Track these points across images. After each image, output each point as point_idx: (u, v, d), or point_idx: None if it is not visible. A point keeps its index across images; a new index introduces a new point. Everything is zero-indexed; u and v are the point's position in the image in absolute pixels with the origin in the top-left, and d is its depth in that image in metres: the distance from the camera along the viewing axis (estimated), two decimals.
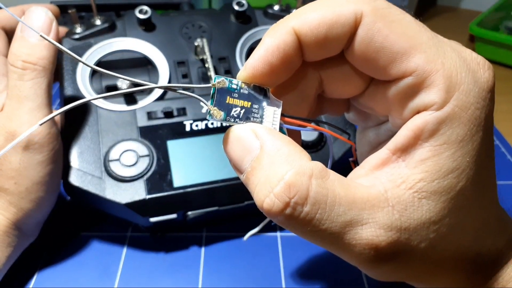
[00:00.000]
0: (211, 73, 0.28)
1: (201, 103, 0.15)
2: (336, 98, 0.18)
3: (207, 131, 0.28)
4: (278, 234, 0.30)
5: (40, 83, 0.23)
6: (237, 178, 0.27)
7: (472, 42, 0.62)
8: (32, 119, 0.23)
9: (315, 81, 0.16)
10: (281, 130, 0.15)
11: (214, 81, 0.14)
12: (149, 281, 0.27)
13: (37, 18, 0.24)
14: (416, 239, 0.14)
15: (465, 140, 0.13)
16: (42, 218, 0.27)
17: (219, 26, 0.32)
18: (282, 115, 0.15)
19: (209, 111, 0.14)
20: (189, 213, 0.27)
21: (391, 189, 0.14)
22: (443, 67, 0.13)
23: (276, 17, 0.34)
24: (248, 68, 0.14)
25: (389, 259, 0.14)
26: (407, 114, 0.14)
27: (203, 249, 0.29)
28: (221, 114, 0.14)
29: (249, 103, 0.14)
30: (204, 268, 0.28)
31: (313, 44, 0.14)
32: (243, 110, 0.14)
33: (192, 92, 0.32)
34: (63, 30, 0.30)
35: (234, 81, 0.14)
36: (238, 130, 0.14)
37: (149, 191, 0.25)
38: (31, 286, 0.27)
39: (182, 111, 0.28)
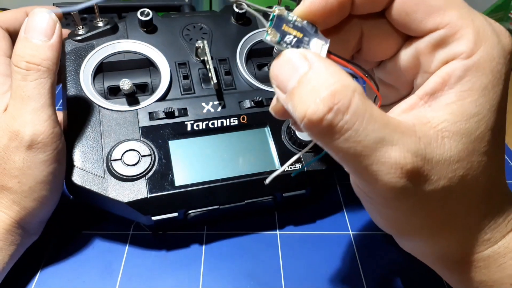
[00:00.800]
0: (212, 74, 0.28)
1: (261, 21, 0.17)
2: (368, 59, 0.19)
3: (208, 131, 0.28)
4: (278, 232, 0.31)
5: (44, 84, 0.23)
6: (238, 177, 0.27)
7: None
8: (35, 119, 0.23)
9: (357, 35, 0.18)
10: None
11: (275, 8, 0.16)
12: (151, 279, 0.27)
13: (40, 19, 0.24)
14: (437, 174, 0.15)
15: (488, 89, 0.15)
16: (45, 217, 0.27)
17: (220, 28, 0.33)
18: (329, 52, 0.16)
19: (267, 31, 0.16)
20: (190, 211, 0.27)
21: (419, 125, 0.15)
22: (473, 24, 0.15)
23: None
24: (306, 4, 0.16)
25: (411, 188, 0.15)
26: (436, 65, 0.16)
27: (204, 247, 0.29)
28: (277, 36, 0.16)
29: (302, 35, 0.16)
30: (205, 266, 0.28)
31: None
32: (295, 39, 0.16)
33: (194, 92, 0.32)
34: (65, 31, 0.31)
35: (291, 13, 0.16)
36: (289, 53, 0.15)
37: (150, 190, 0.26)
38: (34, 284, 0.27)
39: (183, 112, 0.29)
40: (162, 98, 0.29)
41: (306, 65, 0.14)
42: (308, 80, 0.14)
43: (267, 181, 0.18)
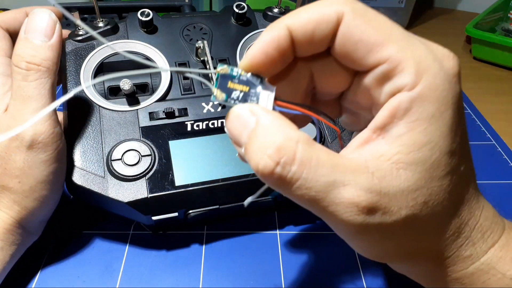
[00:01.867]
0: (212, 74, 0.29)
1: (208, 85, 0.17)
2: (326, 93, 0.20)
3: (208, 131, 0.28)
4: (278, 232, 0.31)
5: (44, 84, 0.23)
6: (238, 177, 0.27)
7: (469, 43, 0.62)
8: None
9: (306, 75, 0.18)
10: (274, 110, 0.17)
11: (218, 68, 0.16)
12: (151, 278, 0.27)
13: (40, 20, 0.24)
14: (396, 205, 0.15)
15: (435, 117, 0.15)
16: (46, 217, 0.27)
17: (220, 28, 0.33)
18: (275, 98, 0.17)
19: (213, 93, 0.16)
20: (191, 211, 0.27)
21: (371, 160, 0.15)
22: (413, 55, 0.15)
23: (275, 19, 0.34)
24: (248, 57, 0.16)
25: (371, 222, 0.15)
26: (384, 98, 0.16)
27: (204, 247, 0.30)
28: (223, 95, 0.16)
29: (247, 88, 0.16)
30: (205, 266, 0.28)
31: (303, 39, 0.16)
32: (242, 93, 0.16)
33: (194, 92, 0.32)
34: (66, 32, 0.31)
35: (235, 69, 0.17)
36: (237, 109, 0.16)
37: (151, 190, 0.26)
38: (34, 283, 0.27)
39: (183, 112, 0.29)
40: (162, 98, 0.29)
41: (253, 120, 0.15)
42: (256, 136, 0.15)
43: (246, 204, 0.18)
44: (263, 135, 0.15)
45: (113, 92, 0.29)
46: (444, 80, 0.15)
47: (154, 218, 0.26)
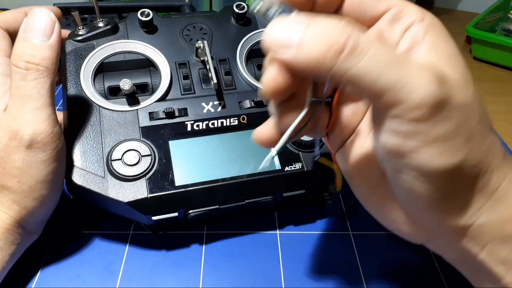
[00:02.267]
0: (212, 74, 0.29)
1: None
2: None
3: (208, 131, 0.28)
4: (278, 232, 0.31)
5: (43, 83, 0.23)
6: (238, 177, 0.27)
7: (468, 43, 0.62)
8: (35, 118, 0.23)
9: None
10: None
11: None
12: (151, 278, 0.27)
13: (39, 19, 0.24)
14: (459, 88, 0.16)
15: (447, 37, 0.18)
16: (46, 217, 0.27)
17: (220, 28, 0.33)
18: None
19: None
20: (191, 211, 0.27)
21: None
22: (411, 3, 0.19)
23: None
24: None
25: (447, 95, 0.15)
26: (398, 35, 0.19)
27: (204, 247, 0.30)
28: (265, 6, 0.17)
29: (281, 9, 0.17)
30: (205, 266, 0.28)
31: None
32: (279, 10, 0.17)
33: (194, 92, 0.32)
34: (66, 32, 0.31)
35: None
36: (282, 19, 0.16)
37: (151, 190, 0.26)
38: (34, 283, 0.27)
39: (183, 112, 0.29)
40: (162, 98, 0.29)
41: (305, 18, 0.15)
42: (315, 24, 0.15)
43: (262, 166, 0.19)
44: (322, 22, 0.15)
45: (113, 92, 0.29)
46: (438, 20, 0.19)
47: (154, 218, 0.26)
